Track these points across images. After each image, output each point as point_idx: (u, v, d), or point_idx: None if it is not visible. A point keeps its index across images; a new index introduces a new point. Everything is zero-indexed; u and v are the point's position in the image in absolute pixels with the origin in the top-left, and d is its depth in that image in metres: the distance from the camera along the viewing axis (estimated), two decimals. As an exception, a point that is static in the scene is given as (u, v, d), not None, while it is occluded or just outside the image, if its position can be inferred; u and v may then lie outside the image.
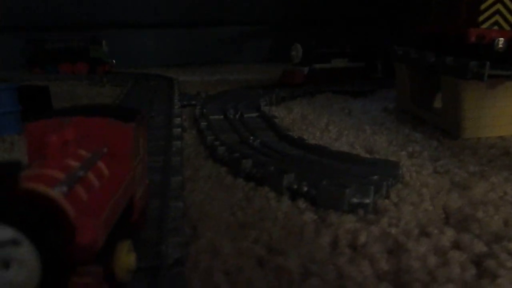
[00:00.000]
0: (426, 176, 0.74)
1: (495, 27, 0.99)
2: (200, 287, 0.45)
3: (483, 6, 0.98)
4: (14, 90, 1.05)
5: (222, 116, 1.13)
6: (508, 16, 0.99)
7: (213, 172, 0.78)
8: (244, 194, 0.68)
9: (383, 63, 1.78)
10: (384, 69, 1.77)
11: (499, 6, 0.98)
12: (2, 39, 2.27)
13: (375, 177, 0.67)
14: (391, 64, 1.63)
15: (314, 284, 0.45)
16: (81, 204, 0.33)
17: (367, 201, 0.61)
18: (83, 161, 0.37)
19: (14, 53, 2.16)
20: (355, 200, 0.61)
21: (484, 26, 0.98)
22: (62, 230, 0.30)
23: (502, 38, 0.95)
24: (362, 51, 1.73)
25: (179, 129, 0.97)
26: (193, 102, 1.37)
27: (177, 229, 0.51)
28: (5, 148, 0.97)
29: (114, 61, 2.21)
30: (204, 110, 1.16)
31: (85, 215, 0.31)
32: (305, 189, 0.65)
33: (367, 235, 0.53)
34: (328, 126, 1.08)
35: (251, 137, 0.92)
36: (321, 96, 1.50)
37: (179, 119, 1.07)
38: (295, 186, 0.66)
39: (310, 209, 0.62)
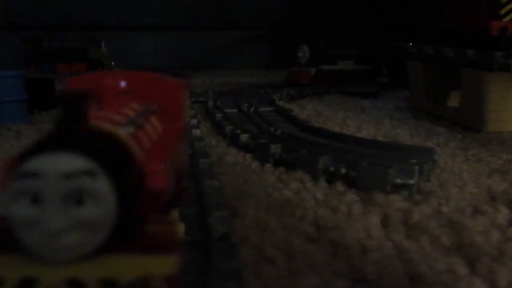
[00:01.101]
0: (460, 163, 0.72)
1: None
2: (254, 261, 0.41)
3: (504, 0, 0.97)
4: (21, 78, 1.01)
5: (236, 110, 1.10)
6: (529, 9, 0.98)
7: (238, 158, 0.75)
8: (277, 177, 0.65)
9: (388, 67, 1.77)
10: (389, 73, 1.76)
11: (520, -1, 0.97)
12: (2, 38, 2.22)
13: (413, 160, 0.64)
14: (397, 67, 1.62)
15: (374, 257, 0.42)
16: (145, 151, 0.30)
17: (411, 182, 0.58)
18: (138, 112, 0.34)
19: (12, 52, 2.11)
20: (398, 180, 0.58)
21: (506, 19, 0.97)
22: (135, 169, 0.26)
23: (525, 31, 0.94)
24: (368, 54, 1.72)
25: (195, 120, 0.94)
26: (201, 99, 1.34)
27: (219, 204, 0.48)
28: (11, 136, 0.93)
29: (113, 62, 2.18)
30: (218, 103, 1.13)
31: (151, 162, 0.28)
32: (343, 171, 0.62)
33: (420, 214, 0.51)
34: (345, 120, 1.05)
35: (271, 128, 0.89)
36: (329, 97, 1.48)
37: (192, 111, 1.04)
38: (332, 169, 0.63)
39: (350, 191, 0.59)
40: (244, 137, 0.80)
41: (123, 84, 0.37)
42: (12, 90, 1.00)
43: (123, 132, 0.28)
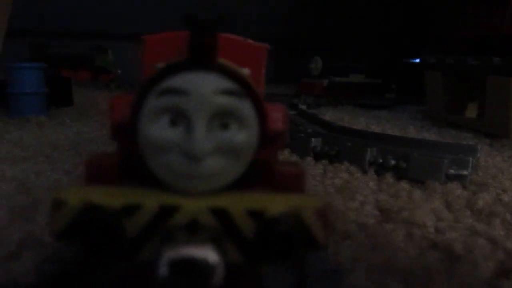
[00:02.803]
0: (500, 162, 0.71)
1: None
2: (332, 238, 0.40)
3: (529, 9, 0.98)
4: (41, 70, 1.00)
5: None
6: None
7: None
8: (322, 169, 0.64)
9: (397, 82, 1.78)
10: (398, 88, 1.77)
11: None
12: (7, 44, 2.20)
13: (459, 156, 0.64)
14: (406, 82, 1.63)
15: (454, 236, 0.41)
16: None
17: (465, 172, 0.57)
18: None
19: (17, 56, 2.08)
20: (452, 171, 0.57)
21: (531, 28, 0.98)
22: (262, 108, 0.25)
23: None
24: (378, 68, 1.73)
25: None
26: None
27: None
28: (31, 128, 0.91)
29: (119, 71, 2.16)
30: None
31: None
32: (393, 162, 0.61)
33: (483, 201, 0.50)
34: (369, 126, 1.05)
35: (300, 127, 0.88)
36: (343, 107, 1.48)
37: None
38: (380, 160, 0.62)
39: (402, 181, 0.58)
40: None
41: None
42: (32, 82, 0.98)
43: (246, 72, 0.27)
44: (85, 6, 2.46)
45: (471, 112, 1.17)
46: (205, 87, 0.22)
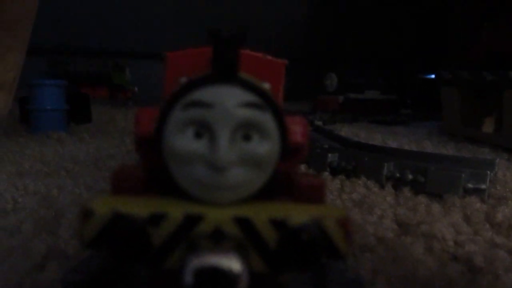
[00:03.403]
0: (518, 176, 0.71)
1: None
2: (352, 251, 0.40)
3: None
4: (62, 88, 1.02)
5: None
6: None
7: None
8: (340, 183, 0.64)
9: (413, 98, 1.78)
10: (414, 104, 1.77)
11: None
12: (27, 60, 2.25)
13: (477, 169, 0.63)
14: (422, 98, 1.63)
15: (473, 249, 0.41)
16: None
17: (483, 186, 0.57)
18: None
19: (38, 74, 2.12)
20: (470, 185, 0.57)
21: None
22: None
23: None
24: (394, 84, 1.73)
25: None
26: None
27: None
28: (52, 143, 0.92)
29: (136, 88, 2.19)
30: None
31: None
32: (410, 176, 0.61)
33: (502, 214, 0.49)
34: (385, 141, 1.05)
35: (317, 143, 0.89)
36: (359, 123, 1.48)
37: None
38: (398, 175, 0.62)
39: (420, 195, 0.58)
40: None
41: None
42: (53, 99, 1.01)
43: (267, 86, 0.28)
44: (103, 25, 2.51)
45: (488, 126, 1.16)
46: (229, 100, 0.23)
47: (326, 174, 0.69)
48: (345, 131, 1.21)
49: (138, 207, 0.23)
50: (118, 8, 2.54)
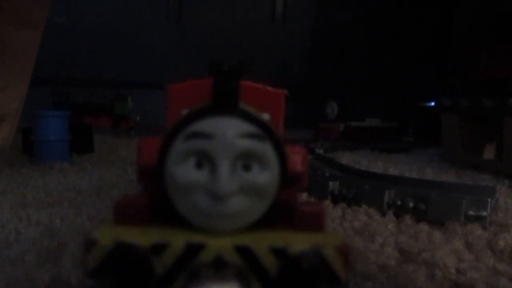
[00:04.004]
0: (520, 203, 0.71)
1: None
2: (353, 279, 0.40)
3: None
4: (65, 119, 1.03)
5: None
6: None
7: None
8: (341, 211, 0.64)
9: (414, 126, 1.78)
10: (416, 132, 1.77)
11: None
12: (30, 91, 2.28)
13: (478, 196, 0.64)
14: (423, 126, 1.64)
15: (473, 277, 0.41)
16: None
17: (485, 213, 0.57)
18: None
19: (41, 104, 2.15)
20: (471, 212, 0.57)
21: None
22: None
23: None
24: (394, 112, 1.75)
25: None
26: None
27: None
28: (55, 174, 0.93)
29: (138, 118, 2.21)
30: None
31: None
32: (411, 204, 0.61)
33: (504, 241, 0.50)
34: (387, 168, 1.05)
35: (318, 171, 0.89)
36: (360, 151, 1.49)
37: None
38: (399, 202, 0.62)
39: (421, 223, 0.58)
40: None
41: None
42: (56, 130, 1.01)
43: (266, 117, 0.29)
44: (105, 56, 2.55)
45: (489, 153, 1.17)
46: (229, 130, 0.23)
47: (328, 202, 0.69)
48: (346, 159, 1.21)
49: (141, 237, 0.23)
50: (120, 39, 2.58)
